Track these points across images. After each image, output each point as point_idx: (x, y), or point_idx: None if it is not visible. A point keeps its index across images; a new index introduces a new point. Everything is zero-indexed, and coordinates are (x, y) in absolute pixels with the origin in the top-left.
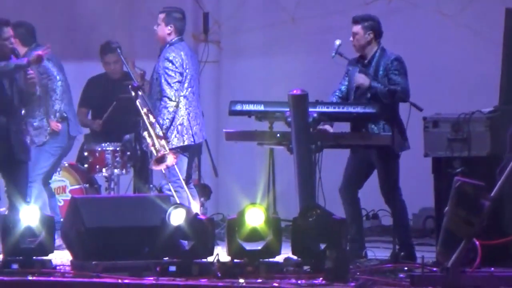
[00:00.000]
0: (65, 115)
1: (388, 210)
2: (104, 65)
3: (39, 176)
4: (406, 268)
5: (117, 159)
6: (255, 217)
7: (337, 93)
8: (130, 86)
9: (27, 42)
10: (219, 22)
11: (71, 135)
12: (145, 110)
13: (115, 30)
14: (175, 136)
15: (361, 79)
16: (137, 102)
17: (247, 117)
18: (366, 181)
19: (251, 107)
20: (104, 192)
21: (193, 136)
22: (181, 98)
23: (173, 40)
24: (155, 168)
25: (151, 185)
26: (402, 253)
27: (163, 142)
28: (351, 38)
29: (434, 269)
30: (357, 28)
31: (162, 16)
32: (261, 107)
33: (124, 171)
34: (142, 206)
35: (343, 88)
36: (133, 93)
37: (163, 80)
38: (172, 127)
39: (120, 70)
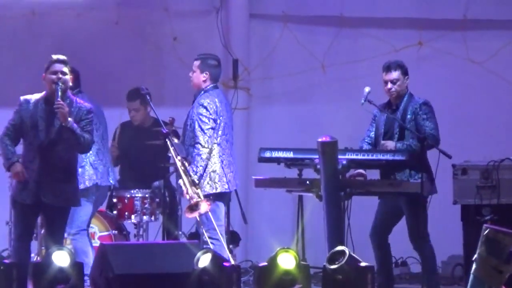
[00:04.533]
0: (90, 165)
1: (417, 257)
2: (128, 111)
3: (82, 226)
4: None
5: (146, 205)
6: (286, 262)
7: (366, 140)
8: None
9: (71, 86)
10: (249, 69)
11: (99, 185)
12: (179, 157)
13: (144, 76)
14: (208, 183)
15: (387, 147)
16: (171, 149)
17: (277, 164)
18: (394, 226)
19: (280, 154)
20: (133, 239)
21: (227, 183)
22: (215, 145)
23: (208, 87)
24: (189, 216)
25: (180, 232)
26: None
27: (197, 189)
28: (389, 85)
29: None
30: (397, 74)
31: (197, 63)
32: (290, 154)
33: (153, 217)
34: (171, 253)
35: (372, 134)
36: (167, 141)
37: (196, 126)
38: (204, 173)
39: (140, 118)
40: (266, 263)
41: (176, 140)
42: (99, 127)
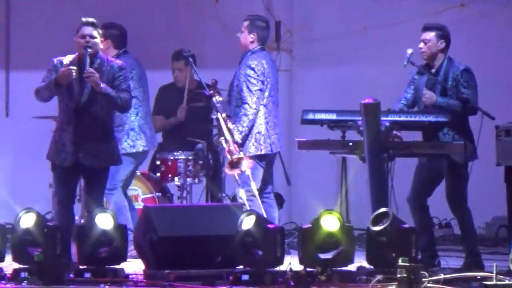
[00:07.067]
0: (139, 128)
1: None
2: (172, 71)
3: (119, 183)
4: (479, 277)
5: (190, 168)
6: (330, 224)
7: (402, 101)
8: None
9: (118, 45)
10: (291, 30)
11: (145, 150)
12: (224, 115)
13: (186, 39)
14: (253, 144)
15: (427, 98)
16: (216, 106)
17: (319, 126)
18: (435, 190)
19: (323, 116)
20: (177, 201)
21: (270, 145)
22: (261, 107)
23: (255, 49)
24: (229, 172)
25: (223, 194)
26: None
27: (239, 148)
28: (421, 45)
29: (508, 278)
30: (430, 35)
31: (246, 23)
32: (333, 116)
33: (196, 180)
34: (215, 215)
35: (409, 96)
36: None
37: (244, 87)
38: (250, 134)
39: (183, 79)
40: (310, 225)
41: (220, 98)
42: (146, 89)
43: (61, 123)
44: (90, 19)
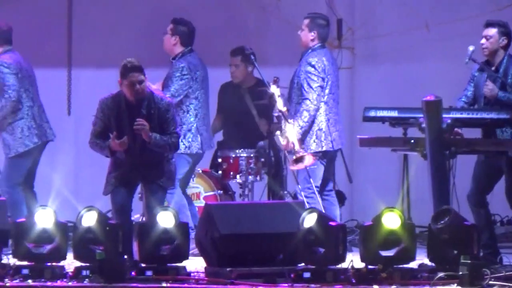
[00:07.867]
0: (197, 130)
1: None
2: (230, 67)
3: (178, 183)
4: None
5: (251, 165)
6: (391, 221)
7: (463, 99)
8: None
9: (185, 42)
10: (353, 28)
11: (200, 152)
12: (285, 108)
13: (248, 37)
14: (314, 141)
15: (489, 89)
16: (278, 100)
17: (381, 123)
18: (494, 186)
19: (385, 113)
20: (239, 198)
21: (332, 142)
22: (322, 104)
23: (315, 46)
24: (293, 168)
25: (285, 191)
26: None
27: (300, 143)
28: (483, 41)
29: None
30: (492, 31)
31: (306, 21)
32: (395, 113)
33: (258, 177)
34: (277, 213)
35: (469, 93)
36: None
37: (305, 84)
38: (311, 131)
39: (239, 75)
40: (371, 223)
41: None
42: (207, 91)
43: (116, 159)
44: (136, 63)
